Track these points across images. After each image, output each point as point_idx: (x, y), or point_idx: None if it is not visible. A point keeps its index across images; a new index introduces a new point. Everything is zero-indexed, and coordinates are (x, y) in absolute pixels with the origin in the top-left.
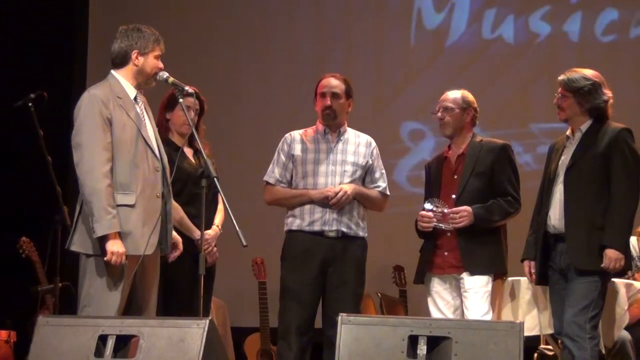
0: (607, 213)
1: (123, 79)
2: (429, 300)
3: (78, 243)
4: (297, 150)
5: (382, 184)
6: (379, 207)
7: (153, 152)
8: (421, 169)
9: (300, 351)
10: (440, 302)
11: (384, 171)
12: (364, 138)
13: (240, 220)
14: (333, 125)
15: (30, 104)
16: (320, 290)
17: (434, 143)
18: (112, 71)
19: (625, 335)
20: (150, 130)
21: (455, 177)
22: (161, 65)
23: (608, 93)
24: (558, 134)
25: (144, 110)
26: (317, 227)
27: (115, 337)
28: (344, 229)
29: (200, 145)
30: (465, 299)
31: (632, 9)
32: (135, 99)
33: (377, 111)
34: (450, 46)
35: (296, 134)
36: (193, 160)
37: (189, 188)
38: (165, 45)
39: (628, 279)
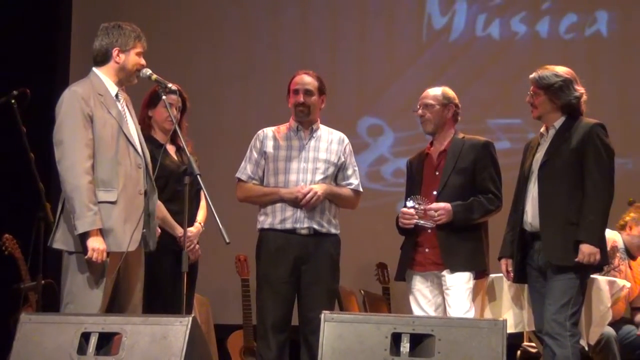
0: (582, 208)
1: (104, 76)
2: (411, 298)
3: (60, 240)
4: (269, 147)
5: (355, 181)
6: (352, 204)
7: (135, 148)
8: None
9: (279, 349)
10: (422, 299)
11: (356, 168)
12: (337, 135)
13: (223, 218)
14: (306, 122)
15: (12, 101)
16: (295, 288)
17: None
18: (94, 68)
19: (611, 332)
20: (132, 127)
21: (437, 173)
22: (143, 62)
23: (580, 89)
24: None
25: (125, 107)
26: (288, 225)
27: (98, 334)
28: (316, 227)
29: (183, 142)
30: (447, 296)
31: (586, 14)
32: (116, 96)
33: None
34: (452, 42)
35: (269, 130)
36: (175, 158)
37: (172, 185)
38: (147, 41)
39: (614, 269)
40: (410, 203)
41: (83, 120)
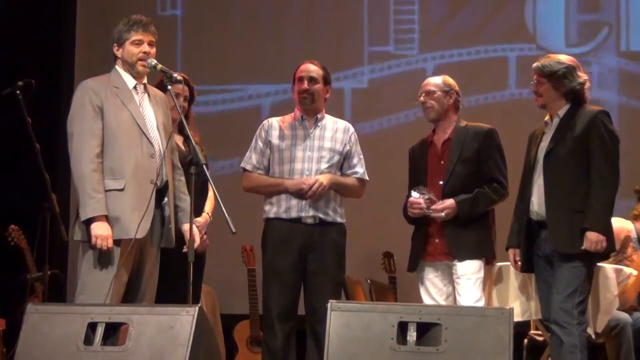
0: (587, 196)
1: (121, 71)
2: (421, 287)
3: (78, 232)
4: (274, 136)
5: (360, 169)
6: (357, 194)
7: (148, 139)
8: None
9: (285, 338)
10: (432, 289)
11: (362, 156)
12: (342, 124)
13: (229, 208)
14: (310, 110)
15: (18, 92)
16: (300, 277)
17: None
18: (115, 65)
19: (627, 318)
20: (150, 118)
21: (442, 162)
22: (144, 49)
23: (583, 76)
24: None
25: (146, 99)
26: (294, 214)
27: (104, 324)
28: (321, 215)
29: (189, 132)
30: (458, 285)
31: None
32: (135, 88)
33: None
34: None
35: (274, 120)
36: (183, 148)
37: None
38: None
39: (627, 258)
40: (415, 194)
41: (91, 111)
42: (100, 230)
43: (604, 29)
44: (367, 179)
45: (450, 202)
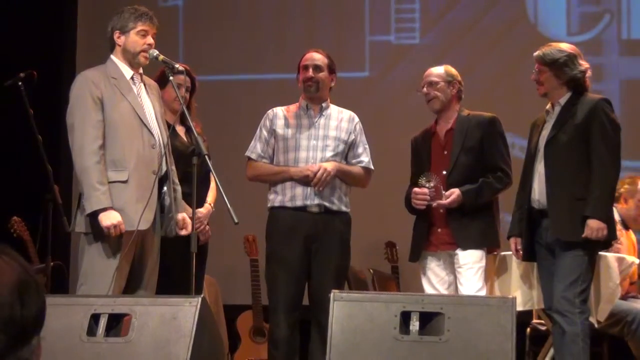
0: (588, 184)
1: (118, 61)
2: (423, 277)
3: (80, 224)
4: (279, 125)
5: (365, 158)
6: (362, 183)
7: (149, 130)
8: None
9: (290, 328)
10: (434, 278)
11: (367, 146)
12: (347, 113)
13: (232, 198)
14: (315, 99)
15: (20, 83)
16: (306, 267)
17: None
18: (110, 55)
19: None
20: (149, 109)
21: (446, 152)
22: (148, 41)
23: (584, 64)
24: None
25: (143, 90)
26: (299, 202)
27: (107, 315)
28: (327, 204)
29: (191, 123)
30: (459, 274)
31: None
32: (132, 78)
33: None
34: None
35: (279, 110)
36: (185, 139)
37: (181, 166)
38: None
39: (616, 241)
40: (423, 181)
41: (92, 103)
42: (110, 220)
43: (605, 16)
44: (373, 168)
45: (456, 194)
